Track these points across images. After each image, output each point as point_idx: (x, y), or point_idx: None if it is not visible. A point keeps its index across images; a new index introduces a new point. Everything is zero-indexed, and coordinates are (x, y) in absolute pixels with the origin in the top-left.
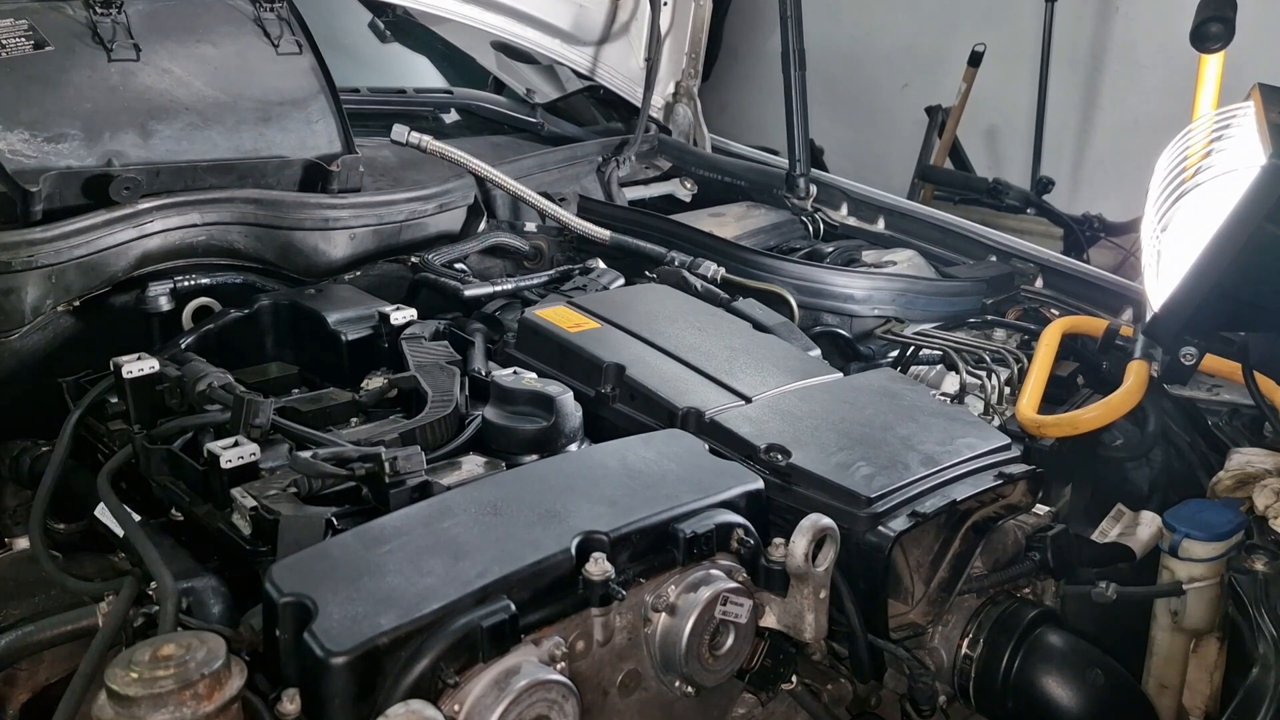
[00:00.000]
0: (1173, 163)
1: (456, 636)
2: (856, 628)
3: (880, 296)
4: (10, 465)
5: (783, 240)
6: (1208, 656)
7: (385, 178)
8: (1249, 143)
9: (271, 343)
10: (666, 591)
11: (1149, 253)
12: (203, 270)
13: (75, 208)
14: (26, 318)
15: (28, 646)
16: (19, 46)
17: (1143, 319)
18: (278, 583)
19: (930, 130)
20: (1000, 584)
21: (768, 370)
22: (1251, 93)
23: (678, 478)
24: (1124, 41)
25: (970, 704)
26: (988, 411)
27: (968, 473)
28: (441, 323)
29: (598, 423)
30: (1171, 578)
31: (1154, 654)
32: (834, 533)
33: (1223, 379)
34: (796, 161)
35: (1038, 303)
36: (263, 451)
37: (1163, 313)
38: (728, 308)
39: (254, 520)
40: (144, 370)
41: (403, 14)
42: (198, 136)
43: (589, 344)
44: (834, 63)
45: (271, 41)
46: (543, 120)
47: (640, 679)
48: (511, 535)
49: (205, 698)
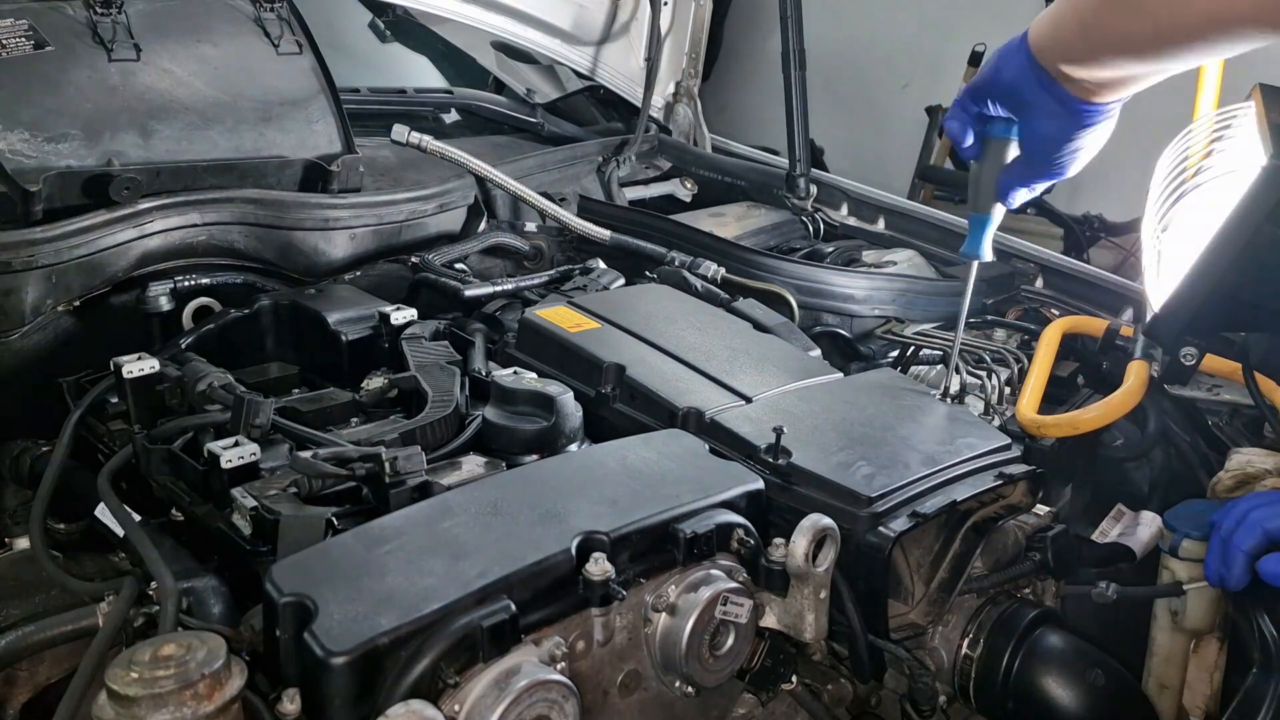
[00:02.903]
0: (1173, 163)
1: (457, 636)
2: (856, 628)
3: (880, 296)
4: (10, 465)
5: (783, 240)
6: (1208, 656)
7: (385, 178)
8: (1249, 143)
9: (272, 343)
10: (667, 591)
11: (1149, 253)
12: (203, 270)
13: (75, 208)
14: (26, 318)
15: (28, 646)
16: (19, 46)
17: (1143, 319)
18: (278, 583)
19: (930, 130)
20: (1000, 584)
21: (768, 370)
22: (1252, 93)
23: (678, 478)
24: None
25: (970, 704)
26: (988, 411)
27: (968, 473)
28: (442, 323)
29: (598, 423)
30: (1171, 578)
31: (1154, 654)
32: (834, 533)
33: (1223, 379)
34: (796, 161)
35: (1038, 303)
36: (263, 451)
37: (1163, 313)
38: (728, 308)
39: (254, 520)
40: (144, 370)
41: (403, 14)
42: (198, 136)
43: (589, 344)
44: (834, 63)
45: (272, 41)
46: (543, 120)
47: (640, 679)
48: (512, 535)
49: (205, 698)
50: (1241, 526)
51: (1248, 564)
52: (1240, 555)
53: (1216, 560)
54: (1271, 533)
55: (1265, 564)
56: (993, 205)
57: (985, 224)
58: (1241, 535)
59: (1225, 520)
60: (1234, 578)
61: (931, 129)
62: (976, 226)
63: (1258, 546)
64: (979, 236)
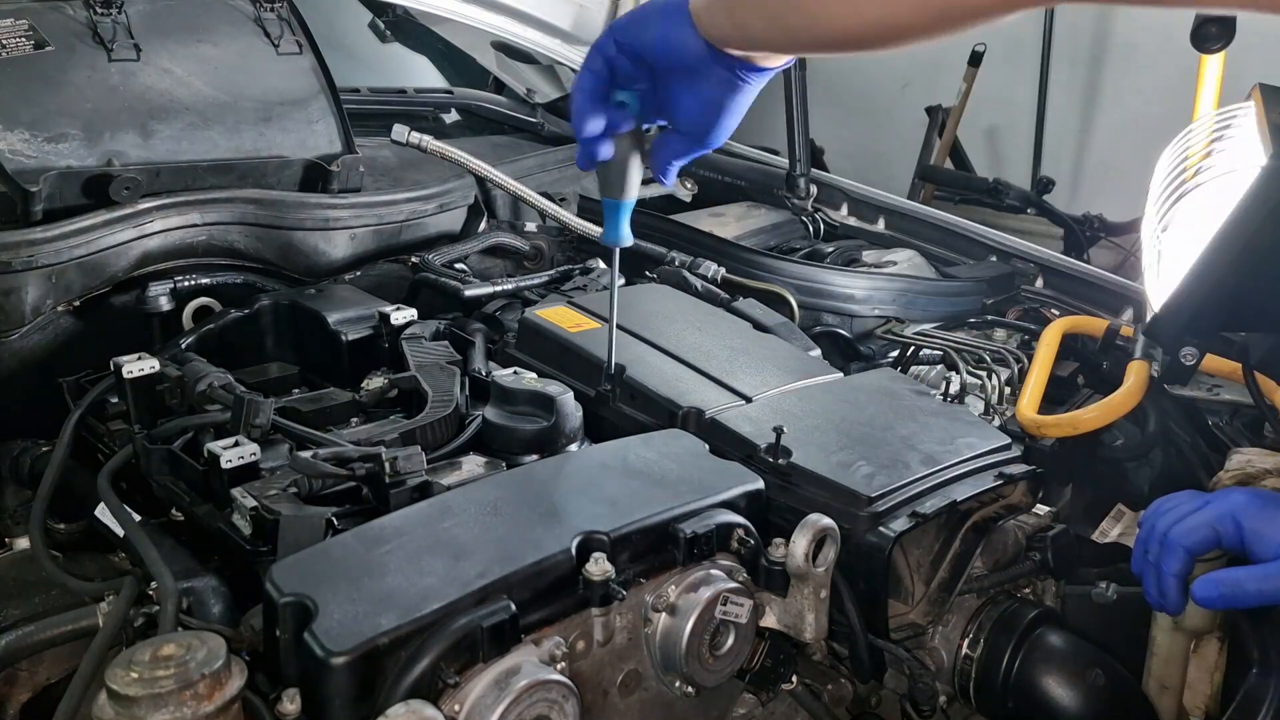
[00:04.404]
0: (1173, 163)
1: (457, 636)
2: (856, 628)
3: (880, 296)
4: (10, 465)
5: (783, 240)
6: (1208, 657)
7: (385, 178)
8: (1249, 143)
9: (272, 343)
10: (667, 591)
11: (1149, 253)
12: (203, 270)
13: (75, 208)
14: (26, 318)
15: (28, 646)
16: (19, 46)
17: (1143, 319)
18: (278, 583)
19: (930, 130)
20: (1000, 584)
21: (768, 370)
22: (1252, 93)
23: (678, 477)
24: (1124, 41)
25: (970, 704)
26: (988, 411)
27: (968, 473)
28: (442, 323)
29: (598, 423)
30: None
31: (1154, 654)
32: (834, 533)
33: (1223, 379)
34: (796, 161)
35: (1038, 303)
36: (263, 451)
37: (1163, 313)
38: (728, 308)
39: (254, 520)
40: (144, 370)
41: (403, 14)
42: (198, 136)
43: (589, 344)
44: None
45: (272, 41)
46: (543, 120)
47: (640, 679)
48: (512, 535)
49: (205, 698)
50: (1165, 550)
51: (1181, 587)
52: (1172, 581)
53: (1153, 588)
54: (1193, 549)
55: (1197, 590)
56: (627, 190)
57: (621, 209)
58: (1167, 560)
59: (1150, 541)
60: (1172, 604)
61: (931, 129)
62: (612, 213)
63: (1185, 569)
64: (617, 223)
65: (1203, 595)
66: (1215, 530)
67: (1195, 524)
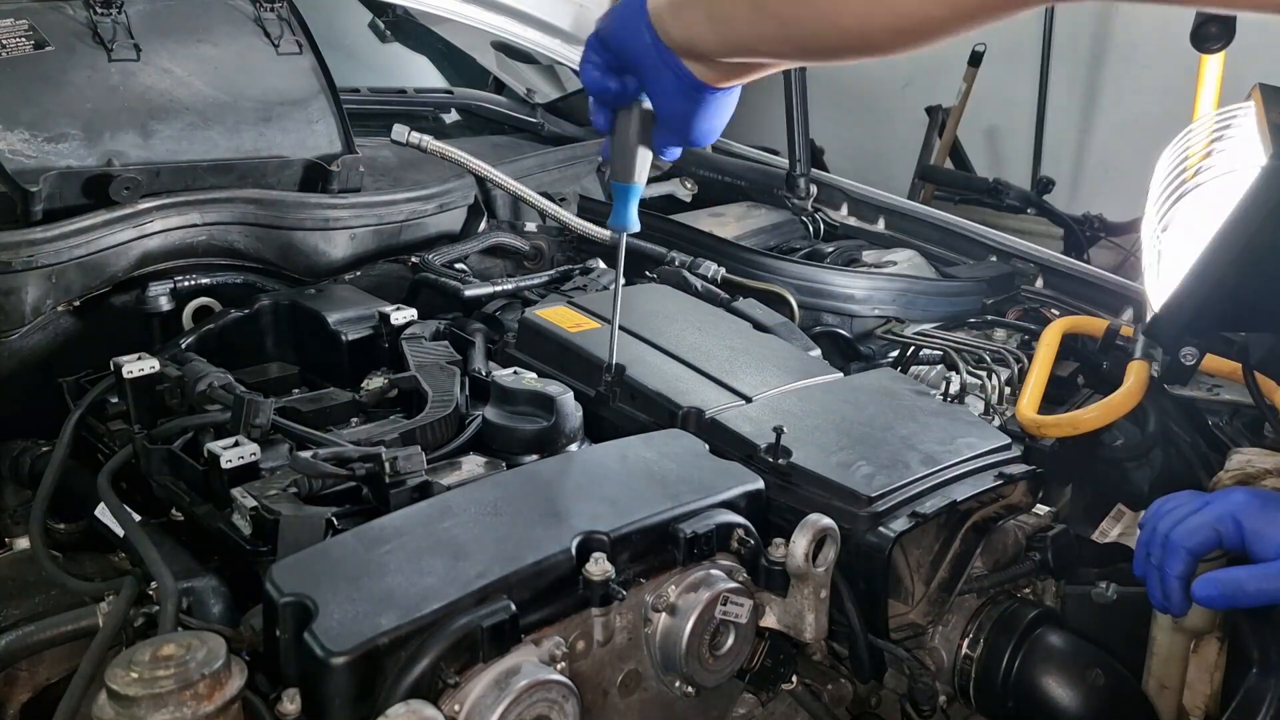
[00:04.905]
0: (1173, 163)
1: (457, 636)
2: (856, 628)
3: (880, 296)
4: (10, 465)
5: (783, 240)
6: (1208, 656)
7: (385, 178)
8: (1249, 143)
9: (272, 343)
10: (667, 591)
11: (1149, 253)
12: (203, 270)
13: (75, 208)
14: (26, 318)
15: (28, 646)
16: (19, 46)
17: (1143, 319)
18: (278, 583)
19: (930, 130)
20: (1000, 584)
21: (768, 370)
22: (1252, 93)
23: (678, 477)
24: (1124, 41)
25: (970, 704)
26: (988, 411)
27: (968, 473)
28: (441, 323)
29: (598, 423)
30: None
31: (1154, 654)
32: (834, 533)
33: (1223, 379)
34: (796, 161)
35: (1038, 303)
36: (263, 451)
37: (1163, 313)
38: (728, 308)
39: (254, 520)
40: (144, 370)
41: (403, 14)
42: (198, 136)
43: (589, 344)
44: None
45: (272, 41)
46: (543, 120)
47: (640, 679)
48: (512, 535)
49: (205, 698)
50: (1167, 553)
51: (1185, 589)
52: (1175, 583)
53: (1157, 590)
54: (1196, 550)
55: (1197, 590)
56: (634, 174)
57: (629, 193)
58: (1170, 562)
59: (1152, 544)
60: (1176, 606)
61: (931, 129)
62: (621, 197)
63: (1188, 570)
64: (625, 207)
65: (1203, 595)
66: (1216, 531)
67: (1196, 525)
